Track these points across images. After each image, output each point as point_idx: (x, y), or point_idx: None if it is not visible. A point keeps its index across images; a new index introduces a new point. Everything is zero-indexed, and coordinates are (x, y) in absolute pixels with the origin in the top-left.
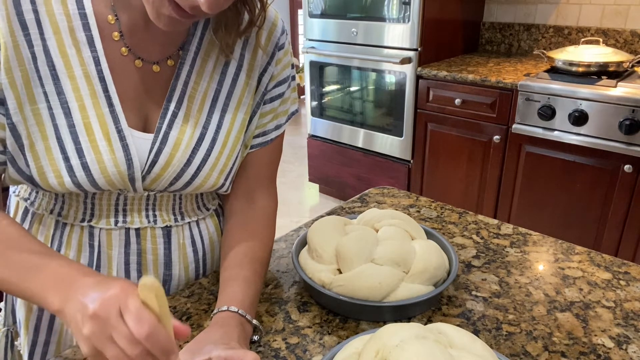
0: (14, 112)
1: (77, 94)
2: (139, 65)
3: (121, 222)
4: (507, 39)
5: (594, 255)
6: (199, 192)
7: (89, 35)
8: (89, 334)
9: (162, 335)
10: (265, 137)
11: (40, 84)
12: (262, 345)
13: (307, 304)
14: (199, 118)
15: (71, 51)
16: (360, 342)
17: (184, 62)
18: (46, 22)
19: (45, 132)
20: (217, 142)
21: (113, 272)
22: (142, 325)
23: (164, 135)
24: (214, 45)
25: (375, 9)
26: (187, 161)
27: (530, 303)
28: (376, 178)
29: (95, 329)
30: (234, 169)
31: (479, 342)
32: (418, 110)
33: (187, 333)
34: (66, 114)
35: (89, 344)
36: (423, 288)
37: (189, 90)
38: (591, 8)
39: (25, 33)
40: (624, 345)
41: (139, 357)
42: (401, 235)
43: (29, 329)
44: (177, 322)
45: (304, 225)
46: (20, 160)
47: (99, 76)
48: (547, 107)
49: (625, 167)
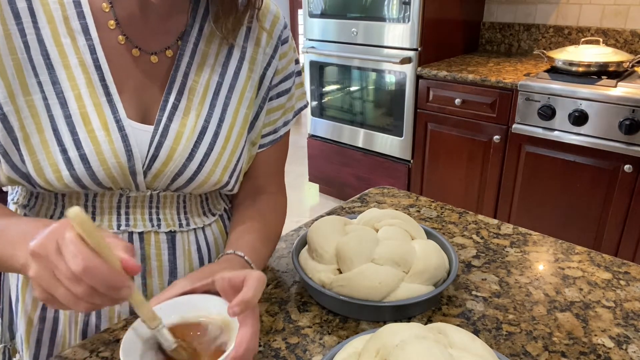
0: (4, 102)
1: (73, 83)
2: (137, 55)
3: (124, 225)
4: (507, 39)
5: (594, 255)
6: (204, 192)
7: (83, 23)
8: (34, 275)
9: (102, 269)
10: (276, 135)
11: (35, 74)
12: (262, 345)
13: (307, 304)
14: (201, 111)
15: (66, 40)
16: (360, 342)
17: (183, 53)
18: (40, 11)
19: (40, 124)
20: (220, 136)
21: None
22: (76, 259)
23: (164, 128)
24: (214, 36)
25: (375, 8)
26: (189, 155)
27: (530, 303)
28: (376, 178)
29: (38, 269)
30: (239, 167)
31: (479, 342)
32: (418, 110)
33: (135, 267)
34: (62, 104)
35: (37, 287)
36: (423, 288)
37: (190, 82)
38: (591, 8)
39: (17, 22)
40: (624, 345)
41: (85, 294)
42: (401, 235)
43: (30, 343)
44: (125, 256)
45: (304, 225)
46: (14, 156)
47: (95, 65)
48: (547, 107)
49: (625, 167)
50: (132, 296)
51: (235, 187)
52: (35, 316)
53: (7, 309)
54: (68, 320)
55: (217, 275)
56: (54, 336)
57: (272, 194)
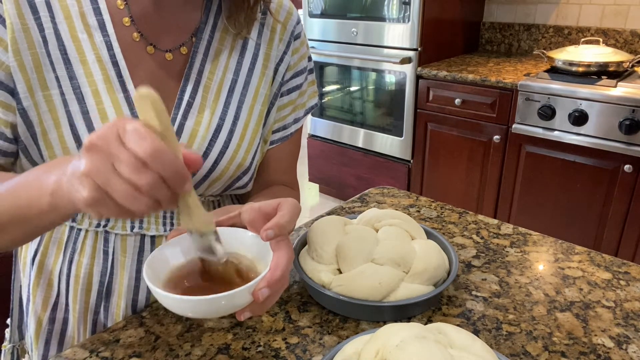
0: (24, 97)
1: (90, 79)
2: (151, 52)
3: (137, 227)
4: (507, 39)
5: (594, 255)
6: (218, 192)
7: (100, 19)
8: (87, 169)
9: (170, 155)
10: (286, 132)
11: (52, 69)
12: (262, 345)
13: (307, 304)
14: (215, 108)
15: (83, 36)
16: (360, 342)
17: (197, 51)
18: (56, 6)
19: (58, 120)
20: (235, 134)
21: (124, 280)
22: (144, 142)
23: (179, 126)
24: (227, 33)
25: (375, 8)
26: (203, 154)
27: (530, 303)
28: (376, 178)
29: (95, 162)
30: (253, 164)
31: (479, 342)
32: (418, 110)
33: (198, 161)
34: (79, 99)
35: (89, 185)
36: (423, 288)
37: (204, 79)
38: (591, 8)
39: (35, 16)
40: (624, 345)
41: (149, 186)
42: (401, 235)
43: (39, 344)
44: (186, 150)
45: (304, 225)
46: (33, 151)
47: (112, 61)
48: (547, 107)
49: (625, 167)
50: (190, 194)
51: (249, 185)
52: (44, 317)
53: (17, 309)
54: (77, 321)
55: (245, 206)
56: (62, 337)
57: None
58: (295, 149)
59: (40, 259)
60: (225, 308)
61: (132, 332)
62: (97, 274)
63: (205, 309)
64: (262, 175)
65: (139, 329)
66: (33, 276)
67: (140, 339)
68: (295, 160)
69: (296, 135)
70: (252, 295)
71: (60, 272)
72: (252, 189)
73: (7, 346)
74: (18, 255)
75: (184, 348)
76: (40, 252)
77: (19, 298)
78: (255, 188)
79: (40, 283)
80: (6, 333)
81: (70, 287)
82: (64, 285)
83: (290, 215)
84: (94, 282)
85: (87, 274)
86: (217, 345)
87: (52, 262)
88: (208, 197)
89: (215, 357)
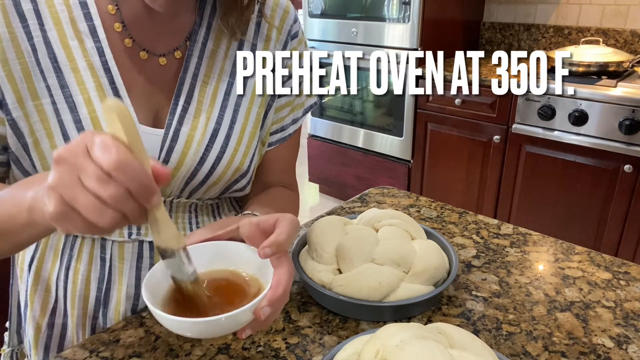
0: (13, 107)
1: (82, 87)
2: (144, 58)
3: (135, 234)
4: (507, 39)
5: (594, 255)
6: (216, 195)
7: (91, 25)
8: (53, 182)
9: (136, 167)
10: (284, 133)
11: (43, 78)
12: (262, 345)
13: (307, 304)
14: (211, 113)
15: (73, 43)
16: (360, 342)
17: (191, 54)
18: (46, 13)
19: (50, 129)
20: (232, 138)
21: (123, 287)
22: (109, 154)
23: (175, 131)
24: (223, 34)
25: (375, 8)
26: (200, 159)
27: (530, 303)
28: (376, 178)
29: (61, 175)
30: (251, 168)
31: (479, 342)
32: (418, 110)
33: (167, 175)
34: (71, 108)
35: (55, 198)
36: (423, 288)
37: (199, 83)
38: (591, 8)
39: (24, 25)
40: (624, 345)
41: (114, 198)
42: (401, 235)
43: (38, 349)
44: (155, 162)
45: (304, 225)
46: (25, 161)
47: (104, 67)
48: (547, 107)
49: (625, 167)
50: (159, 209)
51: (247, 188)
52: (43, 322)
53: (15, 313)
54: (75, 327)
55: (243, 220)
56: (62, 342)
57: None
58: (294, 149)
59: (37, 265)
60: (226, 327)
61: (132, 332)
62: (95, 281)
63: (205, 328)
64: (261, 176)
65: (139, 329)
66: (30, 282)
67: (140, 339)
68: (294, 161)
69: (295, 136)
70: (253, 314)
71: (57, 278)
72: (251, 190)
73: (6, 350)
74: (15, 261)
75: (184, 348)
76: (37, 258)
77: (17, 303)
78: (254, 190)
79: (37, 289)
80: (5, 337)
81: (68, 293)
82: (61, 291)
83: (288, 232)
84: (91, 289)
85: (85, 281)
86: (217, 345)
87: (49, 269)
88: (206, 201)
89: (215, 357)
